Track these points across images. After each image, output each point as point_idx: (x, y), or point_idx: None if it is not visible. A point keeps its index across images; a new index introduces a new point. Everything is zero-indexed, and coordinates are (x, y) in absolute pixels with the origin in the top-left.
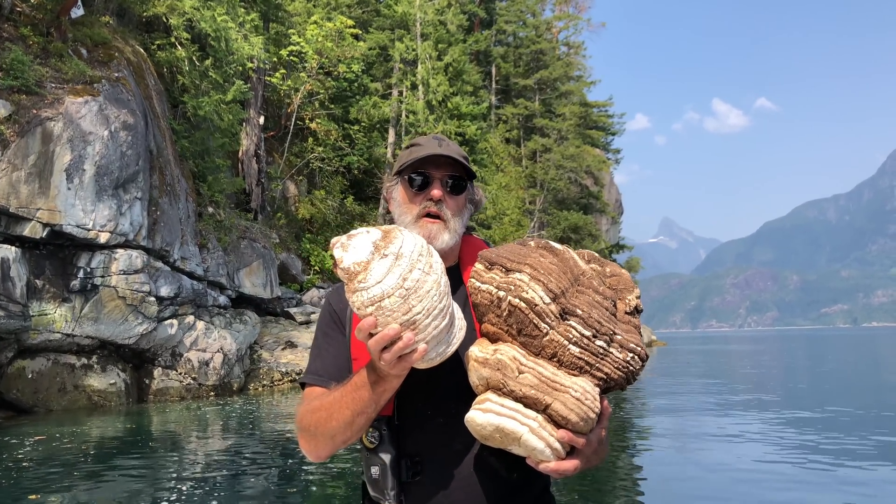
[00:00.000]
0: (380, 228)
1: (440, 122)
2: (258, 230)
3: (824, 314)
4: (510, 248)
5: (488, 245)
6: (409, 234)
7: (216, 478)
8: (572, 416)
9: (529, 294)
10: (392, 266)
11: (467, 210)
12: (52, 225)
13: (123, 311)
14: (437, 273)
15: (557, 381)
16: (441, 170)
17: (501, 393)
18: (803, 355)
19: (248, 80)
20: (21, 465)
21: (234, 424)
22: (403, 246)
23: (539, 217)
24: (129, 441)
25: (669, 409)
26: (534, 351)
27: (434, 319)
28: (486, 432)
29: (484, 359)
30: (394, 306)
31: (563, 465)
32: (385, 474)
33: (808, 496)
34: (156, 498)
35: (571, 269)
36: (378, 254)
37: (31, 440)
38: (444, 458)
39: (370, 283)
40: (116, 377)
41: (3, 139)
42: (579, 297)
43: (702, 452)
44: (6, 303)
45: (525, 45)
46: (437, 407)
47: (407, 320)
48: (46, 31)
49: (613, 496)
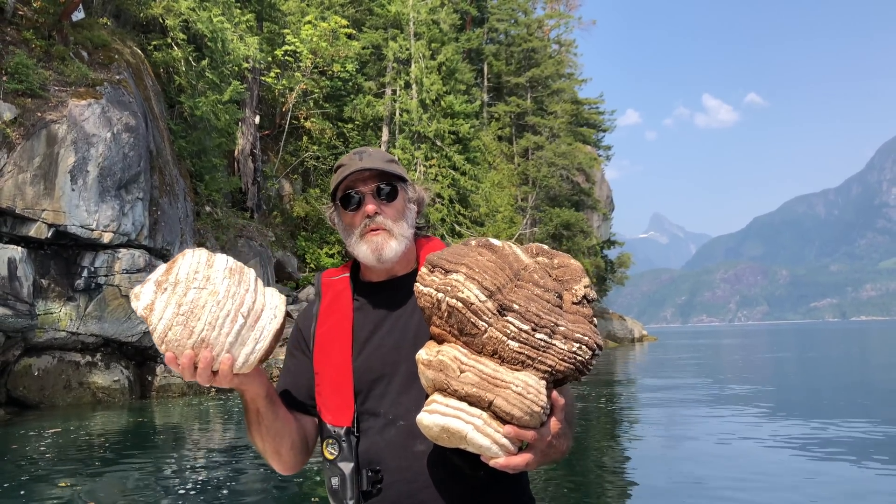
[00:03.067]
0: (171, 260)
1: (433, 120)
2: (255, 228)
3: (814, 308)
4: (452, 249)
5: (447, 246)
6: (190, 254)
7: (218, 469)
8: (515, 412)
9: (465, 293)
10: (170, 297)
11: (409, 211)
12: (57, 225)
13: (126, 310)
14: (214, 283)
15: (498, 378)
16: (368, 183)
17: (446, 393)
18: (793, 348)
19: (244, 79)
20: (45, 455)
21: (235, 419)
22: (180, 271)
23: (531, 214)
24: (139, 434)
25: (659, 403)
26: (476, 349)
27: (222, 328)
28: (434, 433)
29: (428, 361)
30: (178, 335)
31: (513, 461)
32: (345, 485)
33: (796, 487)
34: (166, 486)
35: (510, 265)
36: (159, 290)
37: (49, 432)
38: (405, 462)
39: (155, 322)
40: (120, 374)
41: (9, 142)
42: (517, 291)
43: (690, 446)
44: (14, 302)
45: (517, 43)
46: (397, 411)
47: (195, 341)
48: (48, 34)
49: (600, 490)
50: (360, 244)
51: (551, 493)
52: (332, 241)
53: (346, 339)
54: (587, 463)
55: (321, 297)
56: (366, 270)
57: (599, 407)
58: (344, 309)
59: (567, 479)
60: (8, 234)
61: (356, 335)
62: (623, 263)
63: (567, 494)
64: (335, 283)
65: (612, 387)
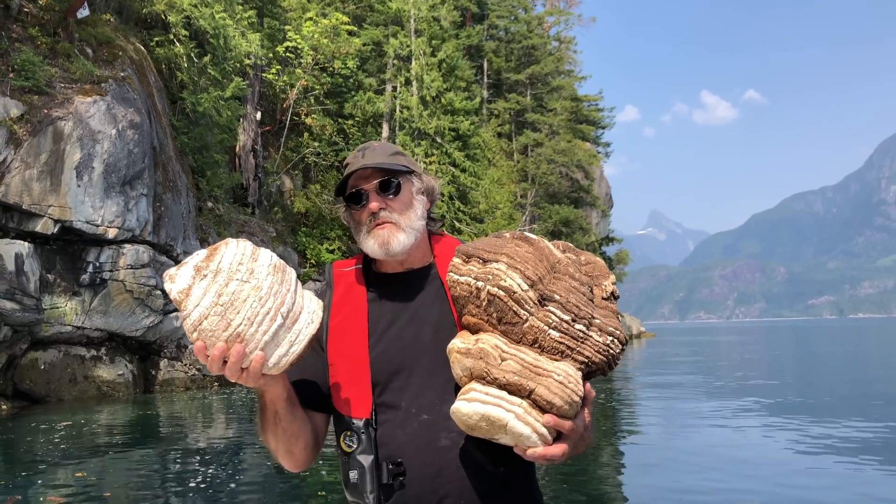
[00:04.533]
0: (212, 247)
1: (434, 117)
2: (256, 224)
3: (811, 306)
4: (486, 240)
5: (462, 242)
6: (234, 244)
7: (222, 461)
8: (557, 400)
9: (507, 282)
10: (209, 285)
11: (418, 202)
12: (63, 221)
13: (131, 305)
14: (258, 277)
15: (540, 367)
16: (370, 180)
17: (485, 381)
18: (790, 345)
19: (245, 76)
20: (60, 446)
21: (237, 412)
22: (223, 260)
23: (531, 211)
24: (148, 427)
25: (657, 399)
26: (515, 338)
27: (260, 325)
28: (472, 422)
29: (466, 349)
30: (213, 325)
31: (550, 451)
32: (364, 478)
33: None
34: (179, 477)
35: (547, 258)
36: (198, 276)
37: (61, 425)
38: (429, 457)
39: (190, 309)
40: (124, 368)
41: (16, 138)
42: (556, 283)
43: (688, 441)
44: (21, 296)
45: (517, 39)
46: (420, 404)
47: (230, 335)
48: (53, 31)
49: (600, 484)
50: (368, 239)
51: (553, 489)
52: (333, 237)
53: (363, 330)
54: (585, 459)
55: (333, 289)
56: (380, 262)
57: (598, 402)
58: (358, 300)
59: (568, 477)
60: (15, 229)
61: (372, 326)
62: (621, 260)
63: (566, 488)
64: (347, 275)
65: (611, 383)
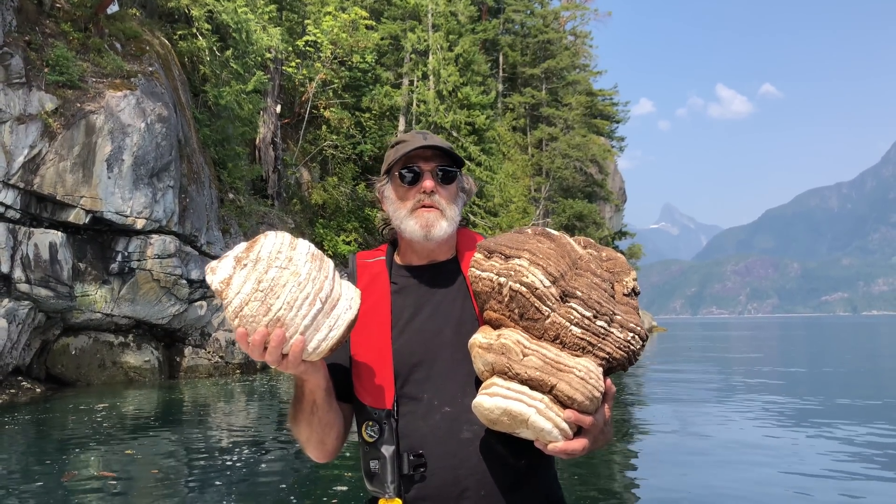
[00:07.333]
0: (251, 241)
1: (450, 111)
2: (276, 216)
3: (824, 302)
4: (508, 236)
5: (484, 237)
6: (273, 235)
7: (254, 442)
8: (578, 396)
9: (530, 278)
10: (249, 273)
11: (460, 198)
12: (94, 211)
13: (157, 293)
14: (296, 264)
15: (561, 362)
16: (430, 162)
17: (507, 377)
18: (803, 342)
19: (266, 69)
20: (103, 425)
21: (258, 399)
22: (262, 249)
23: (545, 205)
24: (175, 410)
25: (669, 394)
26: (536, 334)
27: (300, 310)
28: (493, 416)
29: (488, 344)
30: (254, 311)
31: (571, 445)
32: (385, 468)
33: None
34: (216, 454)
35: (569, 254)
36: (239, 266)
37: (99, 406)
38: (451, 449)
39: (231, 297)
40: (150, 355)
41: (51, 131)
42: (578, 279)
43: (700, 437)
44: (55, 284)
45: (532, 34)
46: (442, 397)
47: (270, 319)
48: (85, 27)
49: (612, 480)
50: (409, 219)
51: (563, 483)
52: (350, 229)
53: (386, 321)
54: (596, 452)
55: (357, 279)
56: (404, 254)
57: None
58: (382, 290)
59: (578, 470)
60: (48, 219)
61: (395, 317)
62: (634, 254)
63: (577, 483)
64: (371, 266)
65: (620, 377)
